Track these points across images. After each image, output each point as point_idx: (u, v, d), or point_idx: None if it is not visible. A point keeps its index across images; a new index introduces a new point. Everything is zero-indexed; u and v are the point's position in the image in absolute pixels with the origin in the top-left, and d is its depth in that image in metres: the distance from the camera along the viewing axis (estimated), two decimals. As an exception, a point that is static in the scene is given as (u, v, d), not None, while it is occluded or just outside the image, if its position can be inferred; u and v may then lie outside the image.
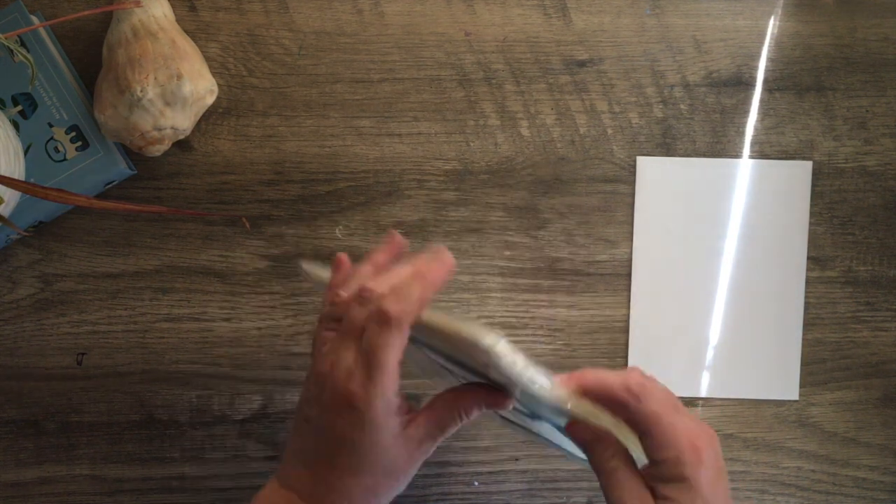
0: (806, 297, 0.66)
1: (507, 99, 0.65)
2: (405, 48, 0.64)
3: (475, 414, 0.46)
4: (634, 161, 0.65)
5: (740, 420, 0.66)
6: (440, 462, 0.66)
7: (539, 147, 0.65)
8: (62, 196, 0.53)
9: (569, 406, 0.44)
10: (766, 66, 0.65)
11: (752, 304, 0.66)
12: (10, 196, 0.57)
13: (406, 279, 0.45)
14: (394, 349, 0.44)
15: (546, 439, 0.55)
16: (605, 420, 0.45)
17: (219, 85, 0.63)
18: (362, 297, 0.46)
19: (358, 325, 0.45)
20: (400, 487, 0.46)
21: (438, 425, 0.46)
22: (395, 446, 0.44)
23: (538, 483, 0.66)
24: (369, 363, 0.44)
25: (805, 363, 0.67)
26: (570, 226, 0.66)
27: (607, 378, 0.44)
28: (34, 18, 0.62)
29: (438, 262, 0.46)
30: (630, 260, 0.66)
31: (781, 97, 0.66)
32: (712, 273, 0.66)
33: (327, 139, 0.65)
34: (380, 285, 0.46)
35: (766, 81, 0.65)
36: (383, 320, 0.44)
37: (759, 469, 0.67)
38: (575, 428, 0.46)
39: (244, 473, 0.66)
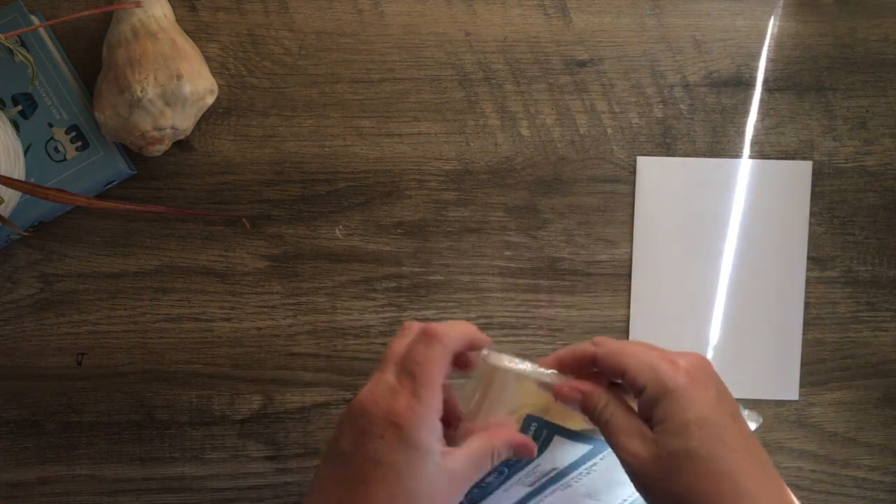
0: (806, 297, 0.66)
1: (507, 99, 0.65)
2: (405, 48, 0.64)
3: (505, 454, 0.45)
4: (634, 161, 0.65)
5: (740, 420, 0.66)
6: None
7: (539, 147, 0.65)
8: (62, 196, 0.53)
9: (552, 380, 0.47)
10: (766, 66, 0.65)
11: (752, 304, 0.66)
12: (10, 196, 0.57)
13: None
14: (440, 365, 0.43)
15: None
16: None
17: (219, 85, 0.63)
18: (401, 332, 0.46)
19: (399, 351, 0.44)
20: None
21: (474, 461, 0.44)
22: (435, 476, 0.41)
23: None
24: (415, 380, 0.42)
25: (805, 363, 0.67)
26: (570, 226, 0.66)
27: (576, 345, 0.47)
28: (34, 18, 0.62)
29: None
30: (630, 260, 0.66)
31: (781, 97, 0.66)
32: (712, 273, 0.66)
33: (327, 139, 0.65)
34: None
35: (766, 81, 0.65)
36: (429, 336, 0.43)
37: (759, 469, 0.67)
38: (562, 391, 0.46)
39: (244, 473, 0.66)
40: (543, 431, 0.49)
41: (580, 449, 0.50)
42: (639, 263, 0.66)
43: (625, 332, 0.66)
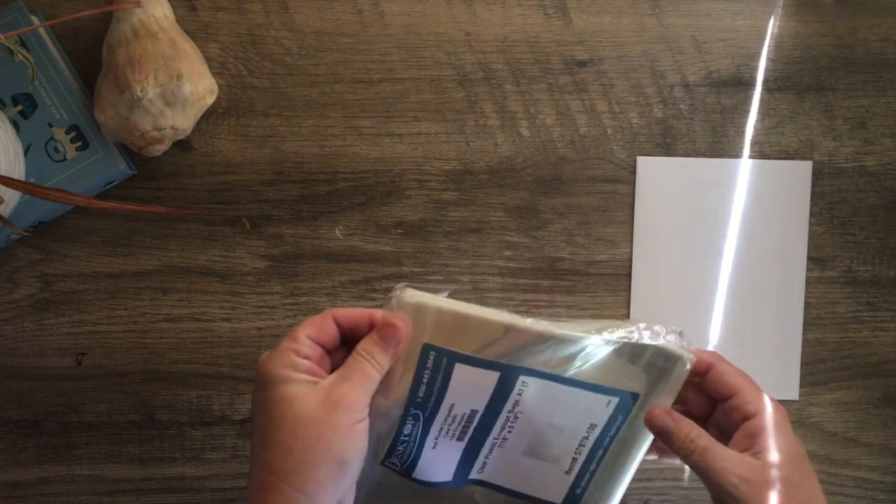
0: (806, 297, 0.66)
1: (507, 99, 0.65)
2: (405, 48, 0.64)
3: (376, 351, 0.46)
4: (634, 161, 0.65)
5: (740, 420, 0.66)
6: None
7: (539, 147, 0.65)
8: (62, 196, 0.53)
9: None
10: (766, 66, 0.65)
11: (752, 304, 0.66)
12: (10, 196, 0.57)
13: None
14: (311, 324, 0.47)
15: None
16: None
17: (219, 85, 0.63)
18: None
19: None
20: (337, 455, 0.44)
21: (347, 372, 0.46)
22: (303, 398, 0.44)
23: None
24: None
25: (805, 363, 0.67)
26: (570, 226, 0.66)
27: (701, 350, 0.50)
28: (34, 18, 0.62)
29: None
30: (630, 260, 0.66)
31: (781, 97, 0.66)
32: (712, 273, 0.66)
33: (327, 139, 0.65)
34: None
35: (766, 81, 0.65)
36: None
37: (759, 469, 0.67)
38: (656, 415, 0.48)
39: (244, 473, 0.66)
40: (443, 360, 0.48)
41: (488, 378, 0.49)
42: (639, 263, 0.66)
43: (625, 332, 0.66)
